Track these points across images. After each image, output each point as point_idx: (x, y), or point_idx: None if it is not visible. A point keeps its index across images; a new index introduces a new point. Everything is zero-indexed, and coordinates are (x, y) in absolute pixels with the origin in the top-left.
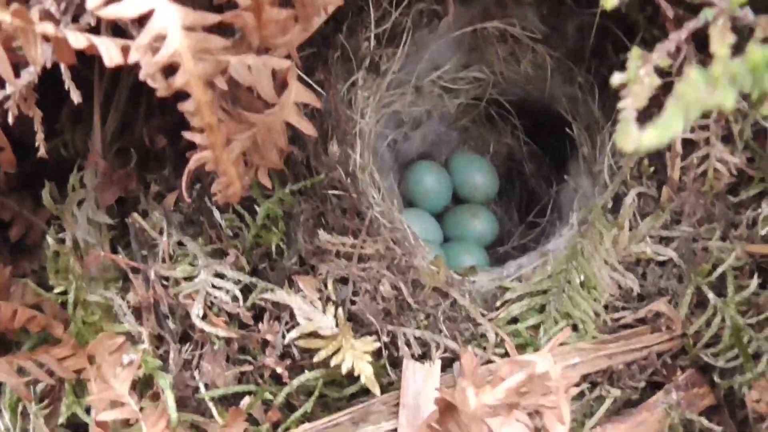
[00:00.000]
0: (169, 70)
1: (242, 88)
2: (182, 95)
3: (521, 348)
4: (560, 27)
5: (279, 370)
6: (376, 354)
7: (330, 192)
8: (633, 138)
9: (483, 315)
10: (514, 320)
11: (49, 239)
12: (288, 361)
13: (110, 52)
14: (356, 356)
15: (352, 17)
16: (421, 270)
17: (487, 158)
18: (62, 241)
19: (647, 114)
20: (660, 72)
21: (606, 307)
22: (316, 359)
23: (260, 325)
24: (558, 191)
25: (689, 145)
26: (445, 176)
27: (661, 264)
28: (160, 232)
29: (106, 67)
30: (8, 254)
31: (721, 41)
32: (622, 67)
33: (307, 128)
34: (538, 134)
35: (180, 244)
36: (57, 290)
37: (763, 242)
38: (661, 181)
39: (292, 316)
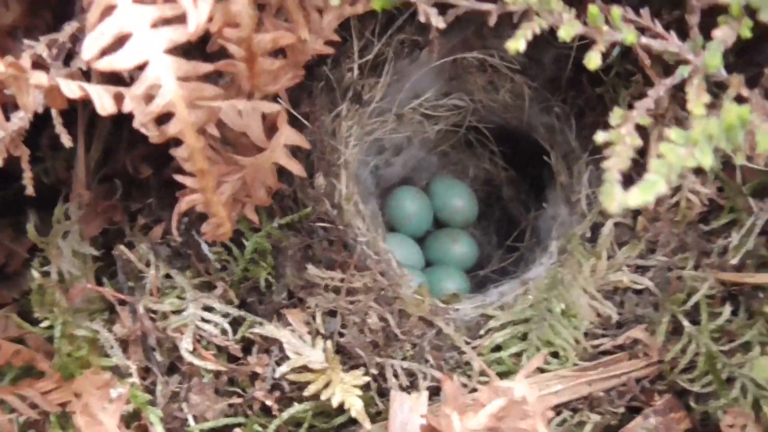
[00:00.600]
0: (163, 117)
1: (232, 130)
2: (174, 140)
3: (504, 375)
4: (538, 58)
5: (268, 402)
6: (365, 385)
7: (317, 225)
8: (618, 199)
9: (467, 343)
10: (498, 348)
11: (34, 272)
12: (277, 393)
13: (103, 100)
14: (346, 390)
15: (335, 47)
16: (407, 300)
17: (467, 183)
18: (47, 273)
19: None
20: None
21: (586, 334)
22: (306, 394)
23: (249, 357)
24: (536, 216)
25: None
26: (426, 201)
27: (638, 292)
28: (147, 265)
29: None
30: None
31: (697, 101)
32: (597, 100)
33: (297, 168)
34: (517, 160)
35: (167, 276)
36: (43, 324)
37: (734, 270)
38: (636, 211)
39: (282, 348)
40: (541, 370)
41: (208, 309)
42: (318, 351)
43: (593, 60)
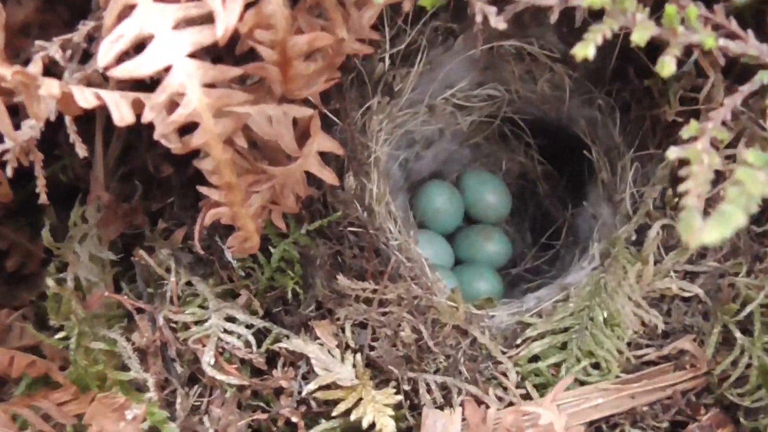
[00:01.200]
0: (186, 127)
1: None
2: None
3: (542, 387)
4: None
5: (295, 419)
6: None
7: (348, 230)
8: (698, 230)
9: (503, 353)
10: (536, 358)
11: (49, 281)
12: (303, 409)
13: (121, 109)
14: (377, 409)
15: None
16: (441, 308)
17: (500, 176)
18: (63, 280)
19: None
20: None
21: (629, 344)
22: (335, 413)
23: (274, 371)
24: (573, 214)
25: (714, 174)
26: (457, 196)
27: (687, 300)
28: (168, 271)
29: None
30: (5, 284)
31: None
32: (644, 92)
33: (329, 177)
34: (554, 154)
35: (189, 284)
36: (59, 335)
37: None
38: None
39: (309, 362)
40: (581, 383)
41: (231, 319)
42: (347, 367)
43: (667, 66)
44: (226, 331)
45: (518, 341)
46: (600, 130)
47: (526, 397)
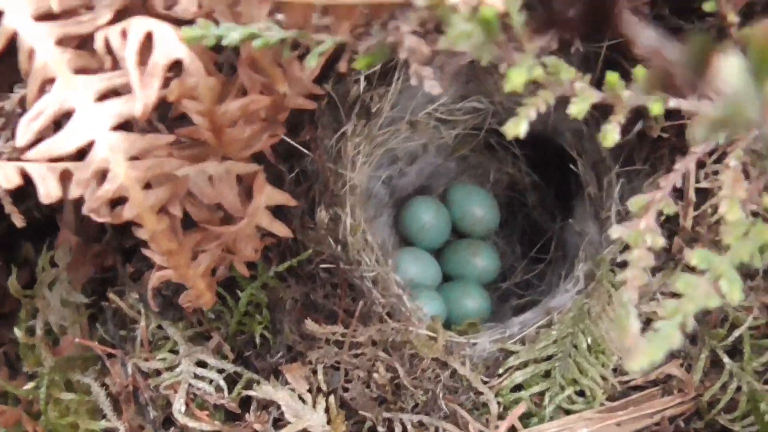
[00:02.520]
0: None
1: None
2: None
3: (526, 417)
4: (564, 57)
5: None
6: None
7: (319, 267)
8: (633, 337)
9: (485, 383)
10: (518, 387)
11: (17, 331)
12: None
13: (47, 184)
14: None
15: (338, 60)
16: (418, 342)
17: (488, 188)
18: (33, 329)
19: None
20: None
21: (614, 369)
22: None
23: (247, 415)
24: (562, 227)
25: (702, 192)
26: (443, 211)
27: None
28: (139, 313)
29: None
30: None
31: (732, 198)
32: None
33: (282, 231)
34: (542, 166)
35: (160, 327)
36: (28, 386)
37: None
38: (672, 231)
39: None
40: (566, 411)
41: (202, 364)
42: (319, 412)
43: (610, 136)
44: (197, 376)
45: (500, 370)
46: (586, 142)
47: (511, 429)
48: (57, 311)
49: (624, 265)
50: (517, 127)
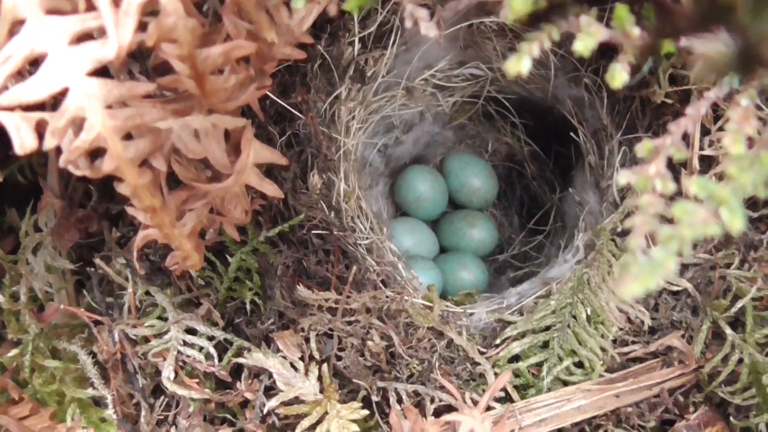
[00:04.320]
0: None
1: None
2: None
3: (523, 389)
4: None
5: None
6: (367, 408)
7: (311, 233)
8: (638, 279)
9: (482, 353)
10: (516, 358)
11: (0, 297)
12: (271, 420)
13: (22, 134)
14: (342, 425)
15: (332, 21)
16: (414, 311)
17: (486, 158)
18: (16, 296)
19: None
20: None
21: (614, 341)
22: (299, 429)
23: (238, 383)
24: (561, 199)
25: (706, 160)
26: (440, 181)
27: (675, 294)
28: (126, 280)
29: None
30: None
31: (737, 134)
32: (634, 71)
33: (271, 190)
34: (541, 135)
35: (148, 293)
36: (12, 353)
37: None
38: (676, 200)
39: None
40: (564, 383)
41: (192, 331)
42: (311, 380)
43: (618, 77)
44: (186, 343)
45: (497, 341)
46: (587, 110)
47: (506, 399)
48: (42, 277)
49: (625, 234)
50: (518, 64)
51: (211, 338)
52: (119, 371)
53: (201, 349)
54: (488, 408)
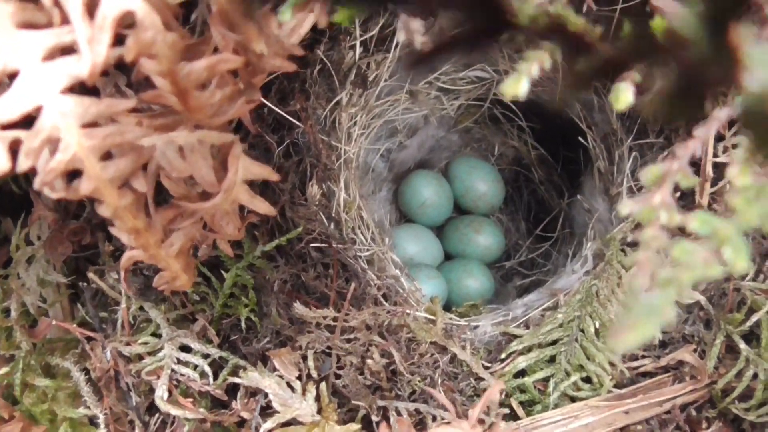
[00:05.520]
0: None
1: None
2: None
3: (529, 405)
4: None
5: None
6: (366, 428)
7: (310, 246)
8: (638, 316)
9: (486, 368)
10: (521, 373)
11: None
12: None
13: None
14: None
15: (332, 25)
16: (416, 326)
17: (492, 163)
18: (8, 311)
19: None
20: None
21: (624, 355)
22: None
23: (234, 402)
24: (570, 205)
25: (720, 167)
26: (445, 186)
27: (687, 307)
28: (120, 293)
29: None
30: None
31: (744, 164)
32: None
33: (263, 208)
34: (549, 139)
35: (141, 308)
36: (2, 371)
37: None
38: (688, 208)
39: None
40: (572, 399)
41: (186, 349)
42: (308, 401)
43: (623, 97)
44: (180, 361)
45: (503, 355)
46: (596, 114)
47: (511, 416)
48: (34, 291)
49: (635, 245)
50: (516, 86)
51: (206, 356)
52: (113, 389)
53: (195, 367)
54: (491, 426)
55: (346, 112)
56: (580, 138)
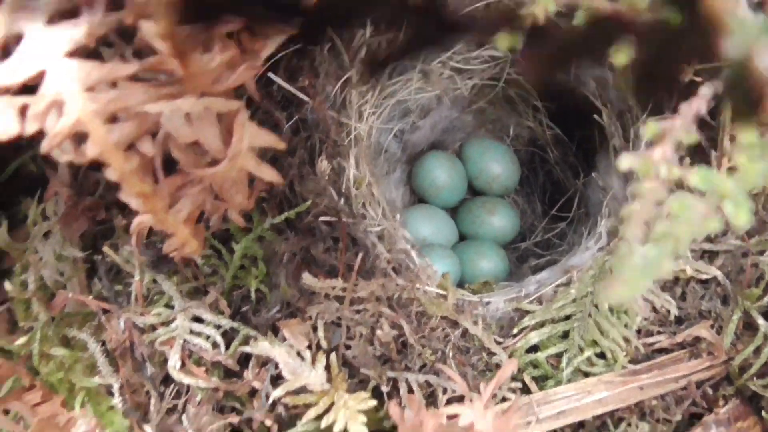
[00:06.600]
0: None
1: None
2: None
3: (541, 380)
4: None
5: (268, 422)
6: (376, 405)
7: (319, 220)
8: (633, 274)
9: (498, 343)
10: (534, 348)
11: (8, 285)
12: (279, 409)
13: (4, 119)
14: (349, 416)
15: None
16: (426, 300)
17: (507, 143)
18: (26, 285)
19: None
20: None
21: (638, 331)
22: (304, 420)
23: (246, 371)
24: (585, 183)
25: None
26: (459, 167)
27: (704, 283)
28: (133, 267)
29: None
30: None
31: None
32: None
33: (270, 175)
34: (564, 118)
35: (155, 280)
36: (20, 341)
37: None
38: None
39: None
40: (586, 375)
41: (198, 320)
42: (318, 370)
43: (623, 52)
44: (193, 332)
45: (515, 330)
46: (611, 91)
47: (524, 390)
48: (51, 266)
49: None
50: (507, 40)
51: (217, 327)
52: (128, 359)
53: (208, 338)
54: (504, 399)
55: (357, 90)
56: (595, 116)
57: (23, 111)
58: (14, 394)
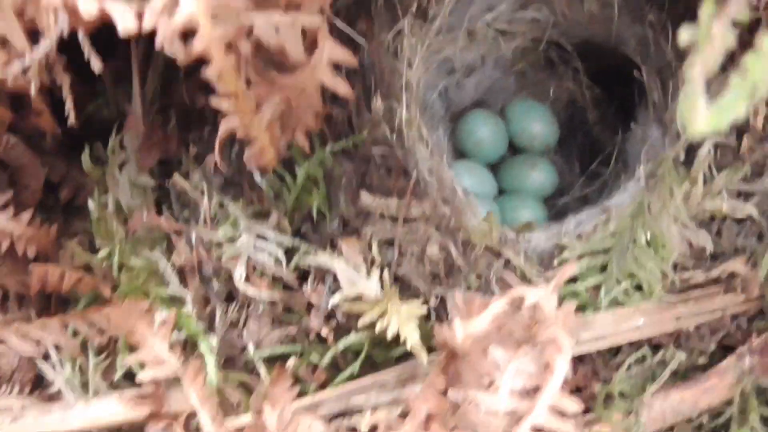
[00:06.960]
0: (188, 36)
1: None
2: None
3: (580, 309)
4: None
5: (324, 332)
6: (425, 316)
7: (374, 150)
8: (701, 115)
9: (539, 274)
10: (573, 280)
11: (91, 203)
12: (334, 322)
13: (124, 18)
14: (402, 321)
15: None
16: (472, 229)
17: (547, 105)
18: (105, 205)
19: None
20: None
21: (675, 266)
22: (360, 323)
23: (304, 287)
24: (623, 140)
25: None
26: (500, 125)
27: (739, 221)
28: (201, 193)
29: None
30: (60, 214)
31: None
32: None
33: (343, 88)
34: (603, 79)
35: (221, 205)
36: (101, 253)
37: None
38: (741, 130)
39: (336, 278)
40: (622, 305)
41: (262, 238)
42: (373, 281)
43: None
44: (257, 248)
45: (555, 262)
46: (651, 48)
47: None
48: (126, 192)
49: (688, 163)
50: None
51: (280, 243)
52: (196, 276)
53: (270, 254)
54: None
55: (408, 41)
56: (635, 72)
57: (139, 14)
58: (95, 307)
